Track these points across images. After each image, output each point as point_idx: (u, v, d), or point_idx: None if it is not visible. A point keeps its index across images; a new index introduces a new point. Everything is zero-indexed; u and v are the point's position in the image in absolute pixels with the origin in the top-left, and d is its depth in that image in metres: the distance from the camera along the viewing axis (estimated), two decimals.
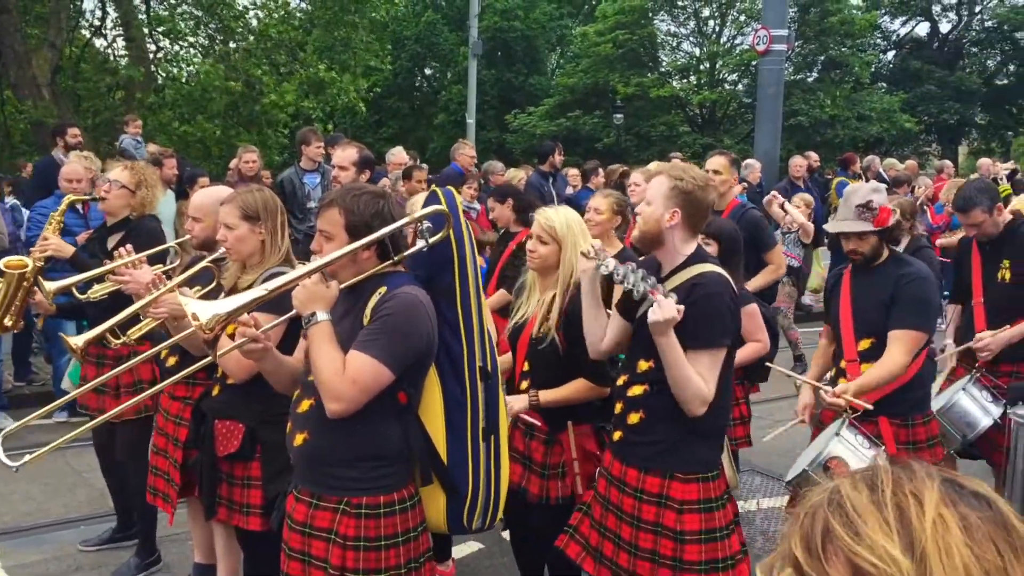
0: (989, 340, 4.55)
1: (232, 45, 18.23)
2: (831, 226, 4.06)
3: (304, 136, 8.44)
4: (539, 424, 3.65)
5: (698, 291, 3.01)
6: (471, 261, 3.01)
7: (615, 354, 3.43)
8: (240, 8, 17.94)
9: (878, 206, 3.75)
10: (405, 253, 2.87)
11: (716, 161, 5.79)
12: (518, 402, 3.63)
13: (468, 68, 23.24)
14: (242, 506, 3.50)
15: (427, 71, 33.98)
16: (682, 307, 2.85)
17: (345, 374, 2.63)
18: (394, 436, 2.78)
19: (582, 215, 4.08)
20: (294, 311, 2.76)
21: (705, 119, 29.68)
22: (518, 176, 10.30)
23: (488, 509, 3.05)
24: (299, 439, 2.81)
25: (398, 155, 9.62)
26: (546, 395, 3.62)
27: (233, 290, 3.42)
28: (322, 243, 2.81)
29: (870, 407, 3.64)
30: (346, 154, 6.20)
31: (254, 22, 18.40)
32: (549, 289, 3.72)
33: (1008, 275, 4.62)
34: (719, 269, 3.11)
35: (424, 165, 10.17)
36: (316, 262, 2.75)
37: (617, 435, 3.22)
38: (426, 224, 2.82)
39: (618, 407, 3.23)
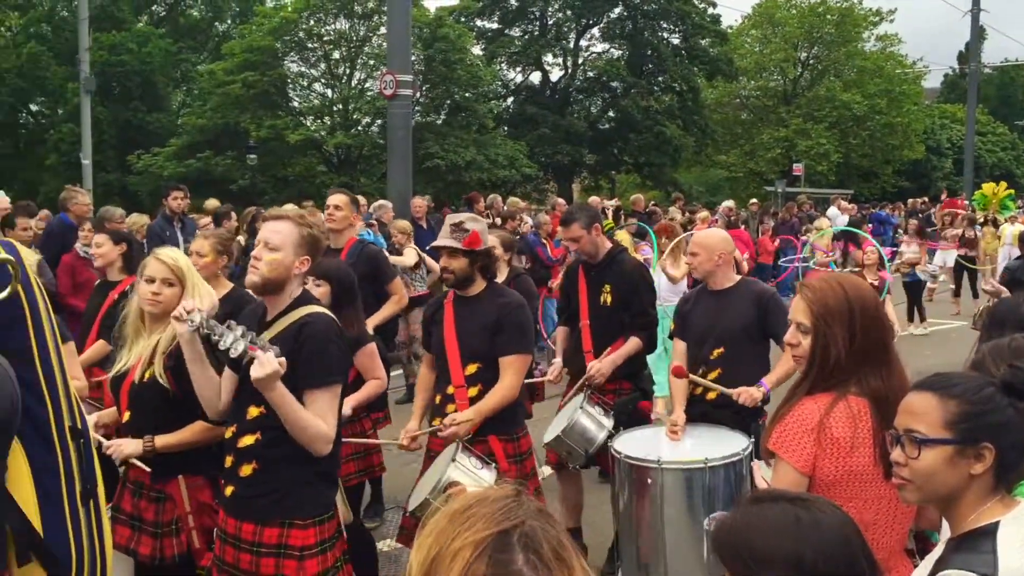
0: (599, 366, 4.91)
1: None
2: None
3: None
4: (147, 469, 3.42)
5: (306, 332, 3.03)
6: (46, 316, 2.71)
7: None
8: None
9: (471, 229, 4.00)
10: None
11: (337, 197, 5.92)
12: (130, 446, 3.37)
13: (80, 105, 21.42)
14: None
15: (33, 107, 30.89)
16: (283, 360, 2.82)
17: None
18: None
19: None
20: None
21: (342, 160, 29.89)
22: (140, 222, 9.61)
23: None
24: None
25: None
26: (162, 439, 3.39)
27: None
28: None
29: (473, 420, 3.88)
30: None
31: None
32: (157, 331, 3.49)
33: (609, 299, 5.04)
34: (323, 309, 3.18)
35: (37, 211, 9.07)
36: None
37: (229, 490, 3.11)
38: None
39: (228, 460, 3.11)
